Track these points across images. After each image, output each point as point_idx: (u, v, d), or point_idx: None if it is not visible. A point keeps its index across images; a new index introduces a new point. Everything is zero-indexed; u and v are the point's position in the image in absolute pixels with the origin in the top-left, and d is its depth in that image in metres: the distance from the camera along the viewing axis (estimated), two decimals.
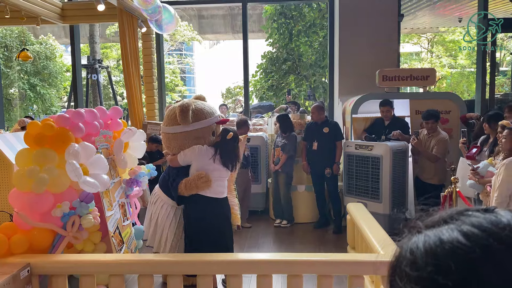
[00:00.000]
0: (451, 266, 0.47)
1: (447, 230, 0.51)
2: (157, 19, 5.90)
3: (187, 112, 3.43)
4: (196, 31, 18.34)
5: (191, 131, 3.51)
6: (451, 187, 3.85)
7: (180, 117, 3.44)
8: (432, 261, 0.49)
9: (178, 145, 3.57)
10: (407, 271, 0.51)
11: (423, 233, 0.53)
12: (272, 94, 15.81)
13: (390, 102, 5.34)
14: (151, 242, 3.71)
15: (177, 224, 3.67)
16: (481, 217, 0.51)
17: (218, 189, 3.55)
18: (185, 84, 30.01)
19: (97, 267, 2.94)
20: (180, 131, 3.53)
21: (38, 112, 17.70)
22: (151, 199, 3.79)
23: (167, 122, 3.62)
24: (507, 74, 19.45)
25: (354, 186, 5.27)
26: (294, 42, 14.96)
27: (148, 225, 3.75)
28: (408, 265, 0.51)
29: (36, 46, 16.69)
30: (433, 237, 0.51)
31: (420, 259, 0.50)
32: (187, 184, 3.45)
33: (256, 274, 2.89)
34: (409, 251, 0.52)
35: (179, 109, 3.44)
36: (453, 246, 0.49)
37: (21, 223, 3.16)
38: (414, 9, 9.19)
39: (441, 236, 0.50)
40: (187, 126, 3.49)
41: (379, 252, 2.83)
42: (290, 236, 5.39)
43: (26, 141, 3.35)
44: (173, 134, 3.58)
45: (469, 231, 0.50)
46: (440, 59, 19.86)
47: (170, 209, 3.65)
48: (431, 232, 0.52)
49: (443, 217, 0.54)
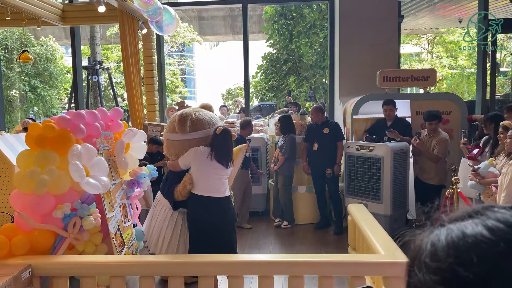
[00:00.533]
0: (473, 259, 0.47)
1: (471, 224, 0.51)
2: (157, 20, 5.91)
3: (185, 121, 3.54)
4: (197, 32, 18.35)
5: (188, 140, 3.59)
6: (452, 187, 3.85)
7: (178, 125, 3.54)
8: (454, 253, 0.49)
9: (175, 152, 3.69)
10: (426, 262, 0.51)
11: (446, 226, 0.53)
12: (272, 95, 15.81)
13: (393, 102, 5.34)
14: (149, 243, 3.78)
15: (175, 226, 3.71)
16: (507, 214, 0.52)
17: (216, 187, 3.55)
18: (185, 85, 30.03)
19: (98, 268, 2.94)
20: (177, 139, 3.64)
21: (38, 114, 17.71)
22: (154, 202, 3.90)
23: (168, 129, 3.76)
24: (507, 75, 19.44)
25: (355, 187, 5.26)
26: (294, 43, 14.97)
27: (147, 226, 3.84)
28: (428, 256, 0.51)
29: (37, 47, 16.70)
30: (456, 230, 0.51)
31: (440, 251, 0.50)
32: (178, 190, 3.57)
33: (257, 275, 2.89)
34: (430, 243, 0.52)
35: (178, 118, 3.56)
36: (476, 239, 0.49)
37: (22, 225, 3.16)
38: (414, 10, 9.19)
39: (465, 230, 0.51)
40: (185, 134, 3.58)
41: (380, 253, 2.83)
42: (291, 237, 5.39)
43: (27, 143, 3.36)
44: (171, 141, 3.70)
45: (494, 226, 0.50)
46: (440, 60, 19.86)
47: (168, 211, 3.72)
48: (454, 226, 0.52)
49: (467, 212, 0.54)
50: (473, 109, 6.82)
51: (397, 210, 4.96)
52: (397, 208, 4.96)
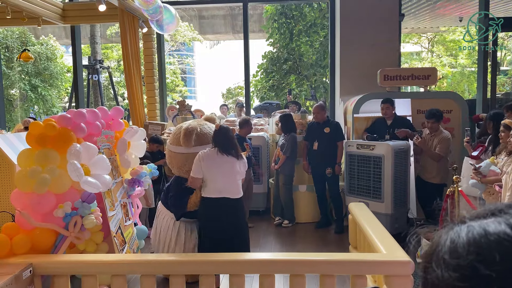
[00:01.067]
0: (496, 257, 0.46)
1: (494, 222, 0.50)
2: (158, 19, 5.91)
3: (191, 136, 3.60)
4: (197, 31, 18.34)
5: (192, 154, 3.62)
6: (453, 186, 3.85)
7: (183, 139, 3.61)
8: (475, 251, 0.48)
9: (177, 165, 3.76)
10: (446, 258, 0.50)
11: (467, 223, 0.52)
12: (273, 94, 15.80)
13: (390, 100, 5.35)
14: (156, 251, 3.94)
15: (178, 235, 3.79)
16: None
17: (226, 187, 3.52)
18: (185, 84, 30.01)
19: (99, 267, 2.94)
20: (181, 152, 3.71)
21: (39, 113, 17.71)
22: (156, 214, 3.99)
23: (172, 140, 3.81)
24: (508, 74, 19.43)
25: (356, 186, 5.26)
26: (294, 42, 14.96)
27: (153, 235, 3.97)
28: (448, 253, 0.50)
29: (37, 47, 16.69)
30: (478, 228, 0.50)
31: (461, 248, 0.49)
32: (192, 200, 3.64)
33: (258, 273, 2.89)
34: (449, 240, 0.51)
35: (183, 132, 3.61)
36: (499, 238, 0.48)
37: (23, 224, 3.16)
38: (414, 9, 9.18)
39: (487, 227, 0.50)
40: (189, 148, 3.65)
41: (382, 252, 2.83)
42: (292, 236, 5.39)
43: (28, 141, 3.35)
44: (175, 153, 3.76)
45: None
46: (441, 59, 19.84)
47: (171, 221, 3.82)
48: (476, 223, 0.51)
49: (490, 209, 0.53)
50: (473, 108, 6.81)
51: (398, 209, 4.96)
52: (398, 207, 4.96)
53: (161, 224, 3.87)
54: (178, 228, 3.79)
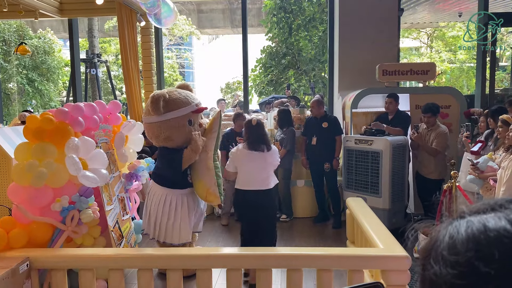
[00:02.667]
0: (495, 254, 0.45)
1: (494, 217, 0.49)
2: (156, 12, 5.87)
3: (158, 102, 3.53)
4: (195, 26, 18.26)
5: (164, 121, 3.61)
6: (451, 181, 3.85)
7: (151, 107, 3.55)
8: (474, 247, 0.47)
9: (154, 135, 3.70)
10: (444, 254, 0.49)
11: (466, 218, 0.51)
12: (271, 89, 15.77)
13: (394, 95, 5.33)
14: (147, 229, 3.88)
15: (170, 210, 3.77)
16: None
17: (256, 180, 3.66)
18: (184, 79, 29.94)
19: (97, 261, 2.94)
20: (154, 121, 3.64)
21: (37, 107, 17.65)
22: (147, 191, 3.97)
23: (144, 112, 3.78)
24: (506, 69, 19.41)
25: (354, 181, 5.26)
26: (293, 36, 14.90)
27: (144, 214, 3.95)
28: (446, 249, 0.49)
29: (35, 40, 16.60)
30: (477, 223, 0.49)
31: (459, 244, 0.48)
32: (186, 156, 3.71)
33: (255, 268, 2.89)
34: (448, 235, 0.50)
35: (150, 100, 3.57)
36: (499, 234, 0.46)
37: (20, 217, 3.16)
38: (414, 4, 9.16)
39: (486, 223, 0.48)
40: (160, 116, 3.59)
41: (379, 247, 2.83)
42: (290, 231, 5.40)
43: (25, 135, 3.34)
44: (149, 124, 3.70)
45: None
46: (440, 54, 19.81)
47: (161, 197, 3.79)
48: (475, 219, 0.50)
49: (490, 204, 0.52)
50: (472, 104, 6.81)
51: (396, 204, 4.97)
52: (396, 202, 4.96)
53: (151, 200, 3.83)
54: (170, 203, 3.77)
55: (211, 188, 3.74)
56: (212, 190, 3.75)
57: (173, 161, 3.68)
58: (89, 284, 2.87)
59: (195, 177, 3.81)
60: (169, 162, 3.72)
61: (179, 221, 3.78)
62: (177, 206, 3.78)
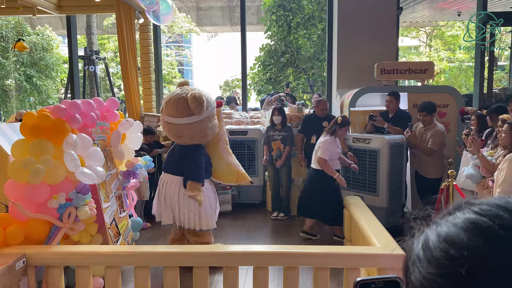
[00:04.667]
0: (464, 239, 0.48)
1: (460, 215, 0.52)
2: (154, 10, 5.86)
3: (202, 102, 3.67)
4: (194, 23, 18.22)
5: (203, 119, 3.76)
6: (448, 180, 3.85)
7: (197, 108, 3.65)
8: (446, 239, 0.50)
9: (191, 134, 3.79)
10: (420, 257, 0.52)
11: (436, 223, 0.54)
12: (270, 87, 15.76)
13: (395, 93, 5.32)
14: (167, 220, 3.88)
15: (186, 197, 3.79)
16: (495, 199, 0.53)
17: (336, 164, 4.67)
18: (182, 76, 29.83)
19: (93, 258, 2.94)
20: (194, 120, 3.75)
21: (34, 104, 17.60)
22: (160, 182, 3.99)
23: (179, 113, 3.73)
24: (505, 69, 19.43)
25: (351, 179, 5.26)
26: (292, 34, 14.89)
27: (157, 206, 3.95)
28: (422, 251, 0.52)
29: (33, 37, 16.55)
30: (446, 222, 0.52)
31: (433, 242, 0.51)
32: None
33: (252, 266, 2.89)
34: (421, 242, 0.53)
35: (197, 102, 3.64)
36: (465, 223, 0.50)
37: (17, 214, 3.15)
38: (413, 2, 9.15)
39: (453, 220, 0.52)
40: (201, 115, 3.72)
41: (376, 245, 2.84)
42: (287, 229, 5.40)
43: (22, 132, 3.33)
44: (187, 124, 3.74)
45: (480, 209, 0.51)
46: (439, 53, 19.82)
47: (176, 185, 3.84)
48: (442, 221, 0.54)
49: (454, 206, 0.55)
50: (470, 103, 6.81)
51: (393, 203, 4.97)
52: (393, 201, 4.97)
53: (166, 191, 3.87)
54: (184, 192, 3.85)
55: (240, 169, 4.08)
56: (242, 170, 4.10)
57: (206, 156, 3.91)
58: (85, 281, 2.87)
59: (222, 164, 4.04)
60: (202, 157, 3.85)
61: (209, 206, 3.93)
62: (208, 193, 3.93)
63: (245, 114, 6.91)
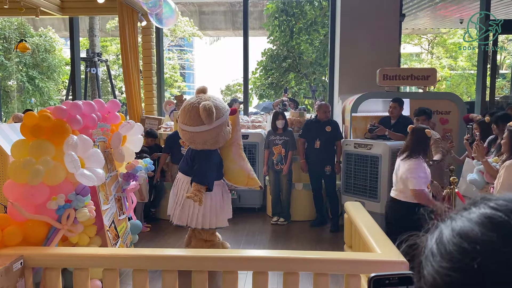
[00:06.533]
0: (478, 233, 0.48)
1: (475, 210, 0.52)
2: (157, 12, 5.87)
3: (213, 114, 3.81)
4: (197, 27, 18.27)
5: (214, 128, 3.91)
6: (450, 187, 3.83)
7: (206, 118, 3.80)
8: (460, 233, 0.50)
9: (203, 141, 3.97)
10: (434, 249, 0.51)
11: (449, 219, 0.54)
12: (272, 92, 15.77)
13: (399, 100, 5.28)
14: (182, 220, 3.99)
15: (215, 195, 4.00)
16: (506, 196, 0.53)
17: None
18: (184, 80, 29.90)
19: (92, 260, 2.91)
20: (205, 129, 3.91)
21: (36, 105, 17.61)
22: (175, 183, 4.17)
23: (191, 122, 3.92)
24: (506, 77, 19.44)
25: (352, 185, 5.24)
26: (294, 39, 14.92)
27: (172, 205, 4.10)
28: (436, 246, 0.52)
29: (36, 38, 16.59)
30: (461, 217, 0.52)
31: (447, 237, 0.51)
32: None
33: (252, 271, 2.86)
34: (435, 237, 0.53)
35: (206, 113, 3.78)
36: (479, 216, 0.50)
37: (16, 215, 3.13)
38: (415, 10, 9.16)
39: (468, 215, 0.52)
40: (211, 124, 3.86)
41: (376, 252, 2.81)
42: (287, 234, 5.37)
43: (23, 132, 3.31)
44: (198, 133, 3.93)
45: (497, 204, 0.51)
46: (440, 61, 19.84)
47: (185, 184, 4.00)
48: (457, 216, 0.53)
49: (470, 202, 0.55)
50: (472, 111, 6.80)
51: None
52: None
53: (179, 188, 4.03)
54: (215, 190, 4.00)
55: (251, 174, 4.17)
56: (252, 175, 4.18)
57: (217, 159, 4.04)
58: (83, 283, 2.84)
59: (234, 167, 4.15)
60: (212, 162, 3.98)
61: (224, 204, 4.10)
62: (223, 193, 4.11)
63: (246, 118, 6.90)
